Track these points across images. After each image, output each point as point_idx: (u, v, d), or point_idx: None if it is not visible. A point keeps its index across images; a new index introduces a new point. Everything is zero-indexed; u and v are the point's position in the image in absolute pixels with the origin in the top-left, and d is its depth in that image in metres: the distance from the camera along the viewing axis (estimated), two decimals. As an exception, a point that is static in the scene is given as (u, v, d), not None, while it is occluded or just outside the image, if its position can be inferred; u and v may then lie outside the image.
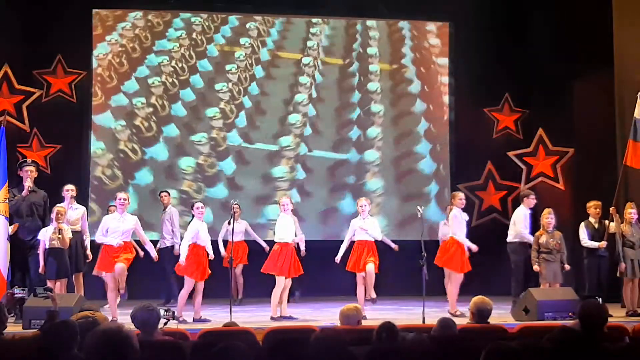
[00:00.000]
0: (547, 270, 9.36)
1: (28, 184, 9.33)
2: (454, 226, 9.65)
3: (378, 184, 12.91)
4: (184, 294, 9.03)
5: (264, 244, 11.03)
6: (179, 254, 10.52)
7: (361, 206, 9.57)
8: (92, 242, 9.74)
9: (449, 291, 9.67)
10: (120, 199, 9.00)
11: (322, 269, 11.30)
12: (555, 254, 9.40)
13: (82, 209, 9.91)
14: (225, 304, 9.07)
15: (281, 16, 12.98)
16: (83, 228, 9.74)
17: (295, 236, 9.66)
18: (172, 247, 10.99)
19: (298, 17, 13.03)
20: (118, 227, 8.89)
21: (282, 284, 9.23)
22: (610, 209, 9.64)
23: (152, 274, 10.84)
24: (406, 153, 13.04)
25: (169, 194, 11.35)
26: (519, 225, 9.95)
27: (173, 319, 5.56)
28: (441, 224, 10.88)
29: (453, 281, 9.64)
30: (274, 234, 9.66)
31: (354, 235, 9.53)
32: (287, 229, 9.32)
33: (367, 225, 9.49)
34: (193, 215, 9.41)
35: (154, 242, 10.42)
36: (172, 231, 11.08)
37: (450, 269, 9.71)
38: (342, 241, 9.76)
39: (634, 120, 9.74)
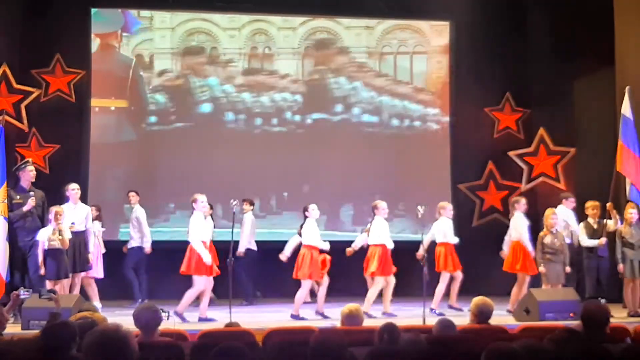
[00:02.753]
0: (550, 271, 9.35)
1: (29, 187, 9.32)
2: (523, 230, 9.75)
3: (377, 184, 12.88)
4: None
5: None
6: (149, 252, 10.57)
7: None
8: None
9: (515, 292, 9.63)
10: (202, 202, 9.05)
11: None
12: (559, 254, 9.39)
13: (87, 208, 9.92)
14: (226, 305, 9.05)
15: (280, 15, 12.95)
16: (87, 228, 9.76)
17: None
18: (141, 247, 11.04)
19: (296, 16, 13.00)
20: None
21: (383, 283, 9.64)
22: (607, 205, 9.62)
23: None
24: (406, 153, 13.02)
25: (137, 194, 11.25)
26: (574, 226, 10.12)
27: (167, 319, 5.54)
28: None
29: (522, 283, 9.66)
30: (367, 237, 9.89)
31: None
32: (384, 232, 9.71)
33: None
34: None
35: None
36: (141, 231, 11.03)
37: (526, 272, 9.65)
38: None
39: (621, 118, 9.70)
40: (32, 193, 9.26)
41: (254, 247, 11.32)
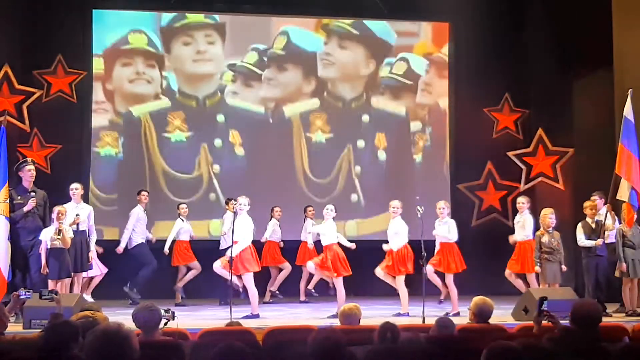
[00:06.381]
0: (547, 271, 9.38)
1: (31, 187, 9.31)
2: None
3: (377, 183, 12.90)
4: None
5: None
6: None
7: (440, 209, 9.95)
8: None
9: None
10: (241, 204, 9.19)
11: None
12: (556, 254, 9.42)
13: (89, 208, 9.95)
14: (226, 305, 9.08)
15: (280, 16, 12.97)
16: (89, 227, 9.78)
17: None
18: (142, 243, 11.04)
19: (297, 16, 13.02)
20: None
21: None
22: (606, 206, 9.64)
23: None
24: (406, 153, 13.04)
25: (148, 193, 11.27)
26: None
27: (173, 319, 5.55)
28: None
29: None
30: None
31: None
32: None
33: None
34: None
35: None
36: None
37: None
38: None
39: (623, 120, 9.70)
40: (32, 194, 9.25)
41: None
